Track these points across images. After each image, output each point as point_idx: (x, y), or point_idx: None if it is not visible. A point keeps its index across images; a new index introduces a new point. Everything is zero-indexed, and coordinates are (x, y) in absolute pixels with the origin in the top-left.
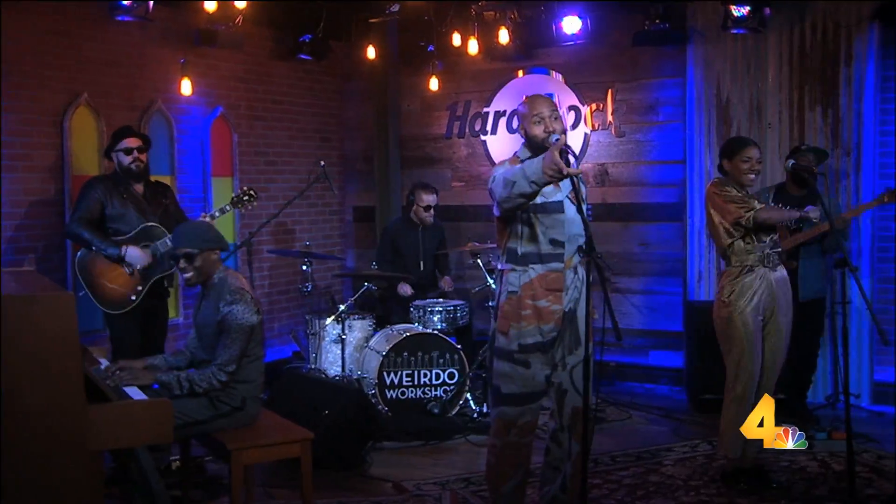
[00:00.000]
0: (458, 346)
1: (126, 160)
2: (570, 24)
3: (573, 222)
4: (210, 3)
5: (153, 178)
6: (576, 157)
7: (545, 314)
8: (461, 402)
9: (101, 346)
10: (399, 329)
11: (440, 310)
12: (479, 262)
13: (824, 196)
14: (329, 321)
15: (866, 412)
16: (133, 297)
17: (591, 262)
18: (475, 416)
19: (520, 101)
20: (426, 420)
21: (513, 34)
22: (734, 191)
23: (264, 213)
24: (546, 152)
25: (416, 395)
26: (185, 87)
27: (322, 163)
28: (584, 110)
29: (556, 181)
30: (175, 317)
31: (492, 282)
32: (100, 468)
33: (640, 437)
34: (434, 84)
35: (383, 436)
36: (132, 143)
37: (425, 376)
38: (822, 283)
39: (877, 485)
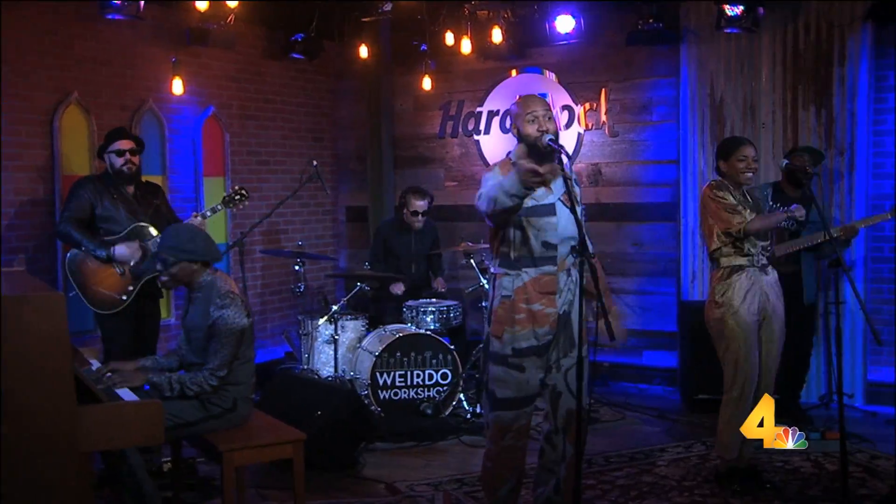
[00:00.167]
0: (452, 347)
1: (118, 162)
2: (564, 24)
3: (566, 225)
4: (202, 2)
5: (144, 179)
6: (569, 157)
7: (539, 317)
8: (454, 403)
9: (93, 346)
10: (392, 329)
11: (433, 310)
12: (472, 262)
13: (818, 198)
14: (321, 322)
15: (860, 412)
16: (124, 298)
17: (585, 264)
18: (468, 416)
19: (513, 101)
20: (419, 421)
21: (506, 33)
22: (730, 197)
23: (256, 213)
24: (516, 167)
25: (409, 395)
26: (177, 87)
27: (314, 162)
28: (578, 110)
29: (538, 185)
30: (167, 317)
31: (485, 282)
32: (90, 470)
33: (633, 437)
34: (427, 83)
35: (376, 437)
36: (124, 145)
37: (418, 377)
38: (818, 285)
39: (870, 485)
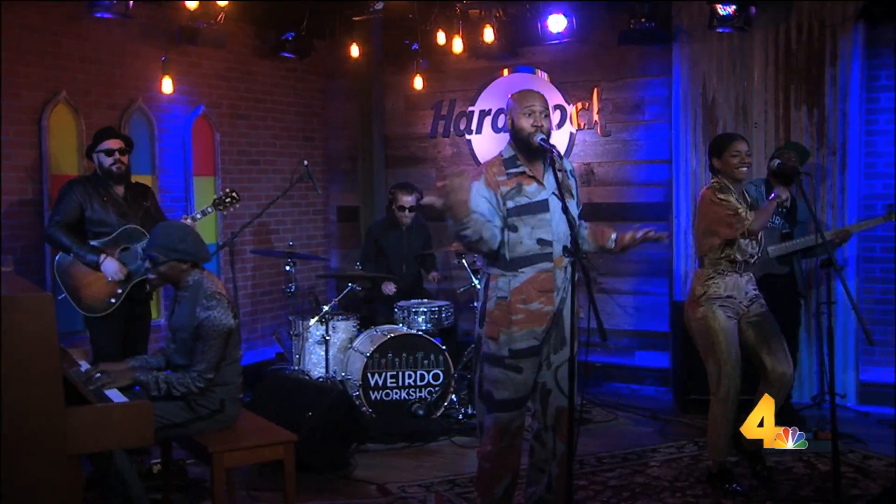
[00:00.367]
0: (443, 347)
1: (107, 162)
2: (556, 23)
3: (560, 220)
4: (191, 0)
5: (134, 179)
6: (560, 156)
7: (538, 317)
8: (446, 404)
9: (82, 347)
10: (383, 330)
11: (425, 310)
12: (464, 262)
13: (809, 199)
14: (313, 322)
15: (852, 412)
16: (112, 301)
17: (576, 263)
18: (460, 417)
19: (510, 95)
20: (411, 422)
21: (498, 33)
22: (732, 198)
23: (247, 213)
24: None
25: (400, 396)
26: (167, 86)
27: (305, 162)
28: (570, 109)
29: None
30: (157, 318)
31: (477, 282)
32: (79, 472)
33: (625, 438)
34: (418, 83)
35: (367, 438)
36: (113, 144)
37: (410, 377)
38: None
39: (862, 485)
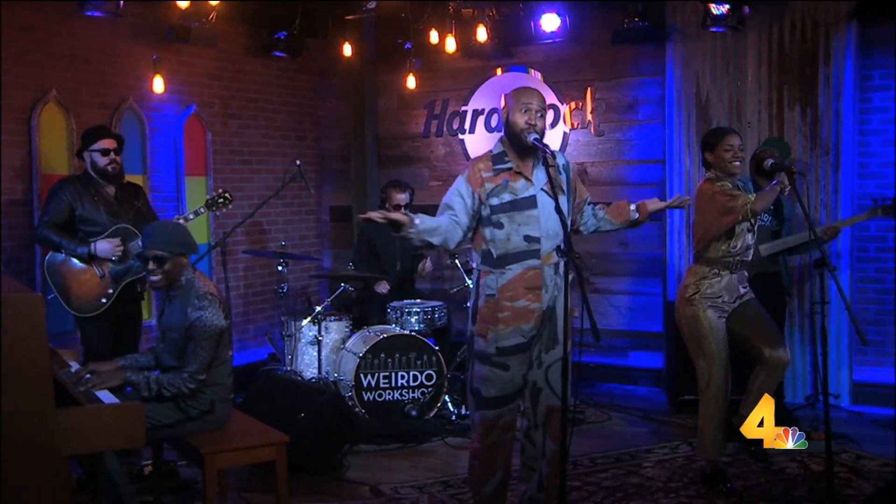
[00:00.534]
0: (436, 348)
1: (102, 162)
2: (549, 22)
3: (549, 217)
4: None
5: (125, 179)
6: (553, 155)
7: (525, 314)
8: (439, 405)
9: (72, 348)
10: (376, 330)
11: (418, 311)
12: (457, 262)
13: (802, 198)
14: (305, 322)
15: (846, 412)
16: (103, 301)
17: (570, 262)
18: (453, 418)
19: (510, 90)
20: (404, 422)
21: (491, 32)
22: (728, 184)
23: (239, 213)
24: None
25: (393, 397)
26: (158, 85)
27: (298, 162)
28: (563, 109)
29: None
30: (149, 319)
31: (470, 282)
32: (68, 474)
33: (619, 438)
34: (411, 82)
35: (360, 439)
36: (109, 144)
37: (403, 378)
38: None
39: (855, 485)
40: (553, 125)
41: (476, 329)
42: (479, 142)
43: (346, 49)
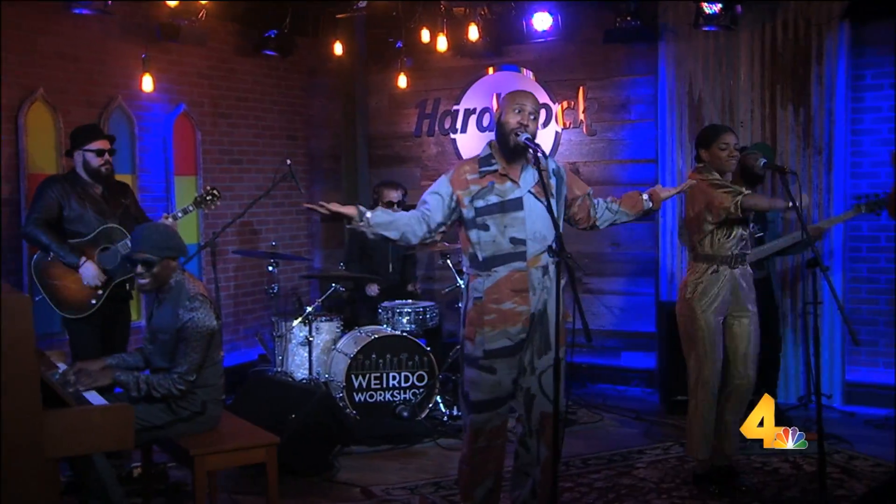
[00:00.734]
0: (428, 348)
1: (96, 162)
2: (541, 21)
3: (536, 219)
4: None
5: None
6: (545, 156)
7: (511, 316)
8: (430, 406)
9: (60, 349)
10: (367, 331)
11: (409, 311)
12: (448, 262)
13: (795, 198)
14: (296, 323)
15: (838, 413)
16: (93, 302)
17: (562, 263)
18: (445, 419)
19: (501, 90)
20: (395, 424)
21: (482, 31)
22: (718, 176)
23: (229, 213)
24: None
25: (384, 398)
26: (147, 84)
27: (288, 161)
28: (555, 108)
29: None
30: (137, 320)
31: (461, 283)
32: (57, 477)
33: (611, 439)
34: (403, 81)
35: (351, 440)
36: (104, 145)
37: (394, 379)
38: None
39: (848, 486)
40: (545, 125)
41: (465, 332)
42: (471, 141)
43: (337, 48)
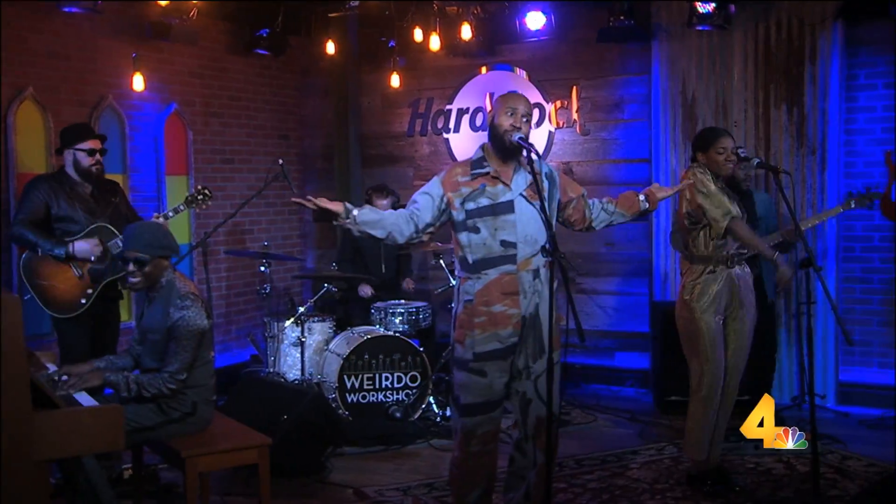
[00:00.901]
0: (421, 349)
1: (87, 162)
2: (534, 20)
3: (527, 222)
4: None
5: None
6: (539, 156)
7: (501, 319)
8: (423, 406)
9: (49, 350)
10: (360, 331)
11: (402, 311)
12: (441, 262)
13: (788, 198)
14: (288, 323)
15: (832, 413)
16: (83, 301)
17: (555, 263)
18: (438, 419)
19: (494, 90)
20: (388, 424)
21: (475, 30)
22: (712, 184)
23: (221, 213)
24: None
25: (377, 398)
26: (137, 83)
27: (280, 161)
28: (549, 108)
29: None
30: (127, 320)
31: (454, 283)
32: (46, 479)
33: (605, 440)
34: (395, 80)
35: (344, 441)
36: (95, 144)
37: (387, 379)
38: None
39: (841, 486)
40: (538, 124)
41: (455, 336)
42: (464, 141)
43: (330, 47)
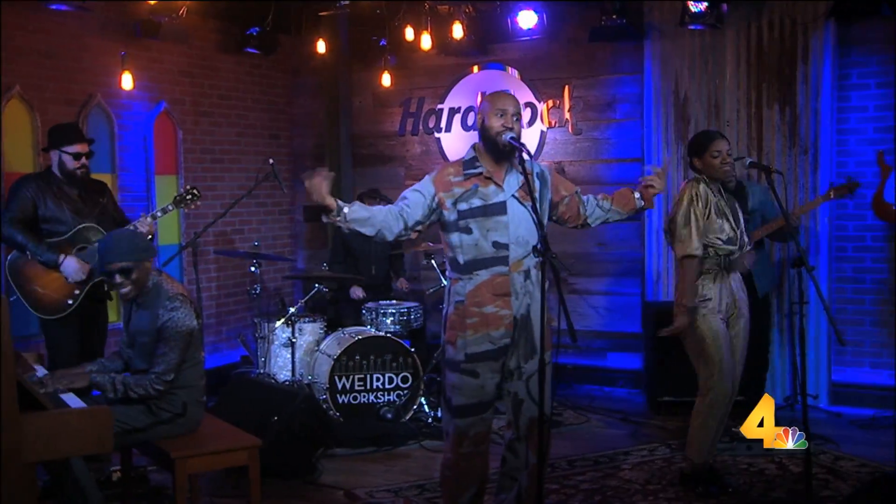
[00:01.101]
0: (412, 349)
1: (72, 165)
2: (526, 19)
3: (519, 223)
4: None
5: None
6: (530, 155)
7: (493, 320)
8: (415, 407)
9: (37, 351)
10: (351, 332)
11: (393, 312)
12: (433, 262)
13: (781, 198)
14: (278, 324)
15: (824, 413)
16: (70, 302)
17: (547, 263)
18: (429, 421)
19: (484, 94)
20: (379, 425)
21: (467, 29)
22: (699, 209)
23: (211, 213)
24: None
25: (368, 399)
26: (126, 81)
27: (271, 160)
28: (541, 107)
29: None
30: (116, 321)
31: (446, 283)
32: (33, 482)
33: (597, 440)
34: (386, 79)
35: (335, 442)
36: (82, 148)
37: (378, 380)
38: (771, 276)
39: (833, 486)
40: (530, 123)
41: (446, 337)
42: (456, 140)
43: (320, 46)
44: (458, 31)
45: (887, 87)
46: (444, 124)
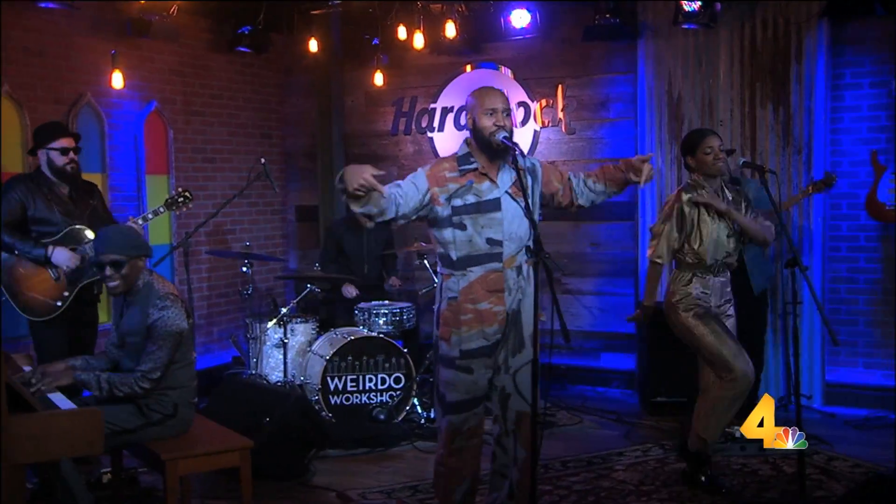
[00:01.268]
0: (405, 350)
1: (61, 161)
2: (519, 18)
3: (513, 220)
4: None
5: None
6: (523, 155)
7: (487, 316)
8: (407, 408)
9: (26, 352)
10: (343, 332)
11: (386, 312)
12: (425, 262)
13: (774, 197)
14: (270, 325)
15: (818, 413)
16: (59, 304)
17: (539, 262)
18: (422, 421)
19: (469, 92)
20: (372, 426)
21: (460, 28)
22: (672, 220)
23: (202, 213)
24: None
25: (360, 400)
26: (117, 80)
27: (263, 160)
28: (534, 106)
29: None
30: (106, 322)
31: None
32: (22, 484)
33: (591, 441)
34: (379, 79)
35: (327, 443)
36: (68, 143)
37: (370, 381)
38: (767, 273)
39: (827, 486)
40: (524, 123)
41: (440, 333)
42: (449, 140)
43: (312, 45)
44: (450, 30)
45: (881, 87)
46: (436, 124)
